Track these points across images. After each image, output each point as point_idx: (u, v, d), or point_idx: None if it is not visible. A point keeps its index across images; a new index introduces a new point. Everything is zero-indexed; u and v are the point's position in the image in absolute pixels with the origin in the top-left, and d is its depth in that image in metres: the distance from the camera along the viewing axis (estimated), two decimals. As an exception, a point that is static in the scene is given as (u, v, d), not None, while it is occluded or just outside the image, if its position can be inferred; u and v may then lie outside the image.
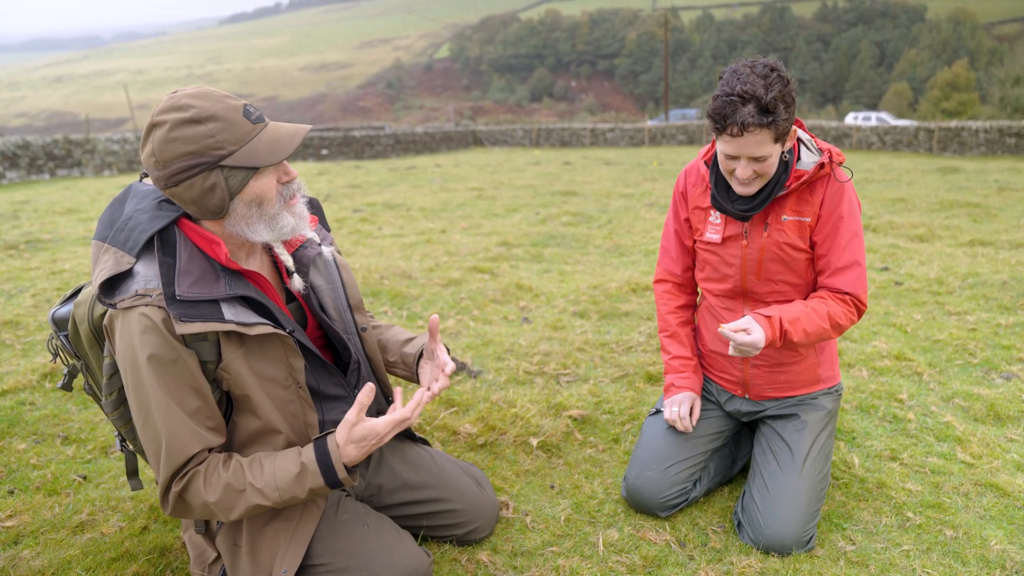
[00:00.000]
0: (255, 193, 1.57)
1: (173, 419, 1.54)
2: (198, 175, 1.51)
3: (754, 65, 1.91)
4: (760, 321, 1.97)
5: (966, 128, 23.78)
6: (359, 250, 6.72)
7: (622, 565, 2.06)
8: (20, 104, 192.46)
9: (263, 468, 1.60)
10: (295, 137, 1.58)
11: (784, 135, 1.95)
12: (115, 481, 2.52)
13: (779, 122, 1.89)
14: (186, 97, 1.51)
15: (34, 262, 6.12)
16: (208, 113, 1.49)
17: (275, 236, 1.64)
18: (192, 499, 1.58)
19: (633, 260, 6.30)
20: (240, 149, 1.52)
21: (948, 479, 2.49)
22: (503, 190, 11.93)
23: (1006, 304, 4.57)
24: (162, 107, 1.51)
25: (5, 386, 3.27)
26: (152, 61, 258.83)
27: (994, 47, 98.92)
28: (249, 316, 1.58)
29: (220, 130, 1.50)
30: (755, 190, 2.06)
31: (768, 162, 1.98)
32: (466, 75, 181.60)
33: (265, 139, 1.55)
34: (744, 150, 1.94)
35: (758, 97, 1.86)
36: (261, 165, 1.54)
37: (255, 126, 1.55)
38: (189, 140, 1.48)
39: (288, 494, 1.58)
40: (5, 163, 16.26)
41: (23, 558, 2.05)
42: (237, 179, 1.54)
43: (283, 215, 1.63)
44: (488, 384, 3.40)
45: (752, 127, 1.88)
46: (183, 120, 1.48)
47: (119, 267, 1.53)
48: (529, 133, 34.46)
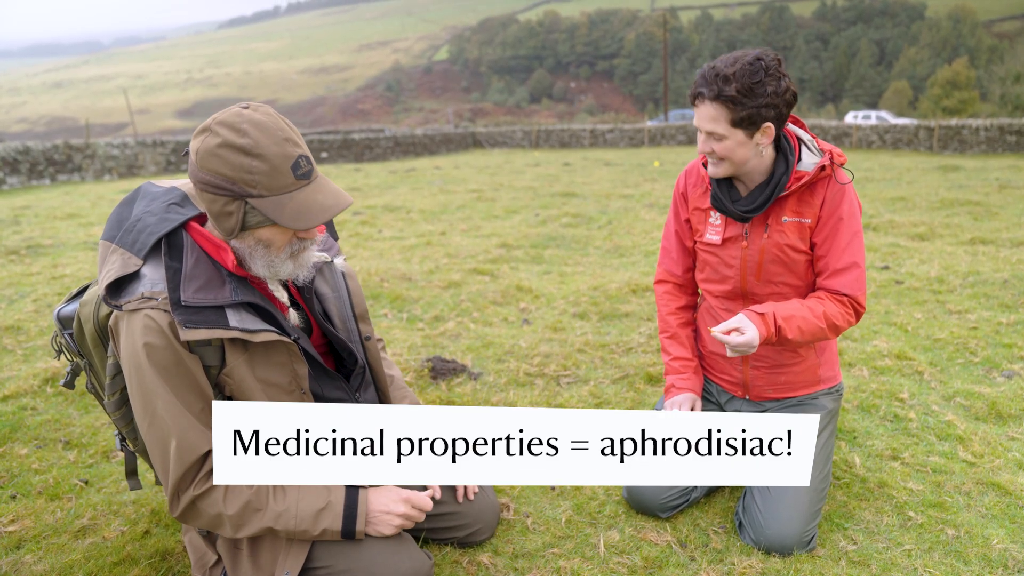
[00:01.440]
0: (266, 236, 1.58)
1: (181, 419, 1.54)
2: (221, 196, 1.51)
3: (747, 52, 1.95)
4: (753, 319, 1.97)
5: (966, 126, 23.76)
6: (359, 253, 6.72)
7: (623, 566, 2.06)
8: (21, 110, 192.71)
9: (286, 494, 1.61)
10: (328, 211, 1.54)
11: (749, 122, 1.95)
12: (116, 485, 2.52)
13: (731, 102, 1.91)
14: (249, 123, 1.48)
15: (35, 267, 6.13)
16: (259, 150, 1.47)
17: (270, 275, 1.65)
18: (207, 508, 1.58)
19: (633, 261, 6.30)
20: (269, 198, 1.51)
21: (949, 478, 2.49)
22: (503, 192, 11.94)
23: (1007, 302, 4.56)
24: (225, 118, 1.50)
25: (7, 391, 3.27)
26: (151, 66, 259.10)
27: (994, 44, 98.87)
28: (254, 323, 1.58)
29: (261, 171, 1.48)
30: (722, 173, 2.08)
31: (725, 145, 1.99)
32: (465, 77, 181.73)
33: (299, 200, 1.53)
34: (700, 122, 2.00)
35: (724, 75, 1.90)
36: (280, 223, 1.53)
37: (296, 182, 1.52)
38: (229, 165, 1.47)
39: (302, 526, 1.61)
40: (6, 168, 16.28)
41: (25, 563, 2.05)
42: (255, 219, 1.54)
43: (285, 264, 1.63)
44: (488, 386, 3.40)
45: (704, 98, 1.95)
46: (234, 145, 1.47)
47: (126, 269, 1.54)
48: (528, 134, 34.47)
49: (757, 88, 1.90)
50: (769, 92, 1.91)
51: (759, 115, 1.93)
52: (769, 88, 1.91)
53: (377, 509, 1.71)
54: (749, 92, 1.90)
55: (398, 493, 1.75)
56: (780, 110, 1.96)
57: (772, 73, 1.92)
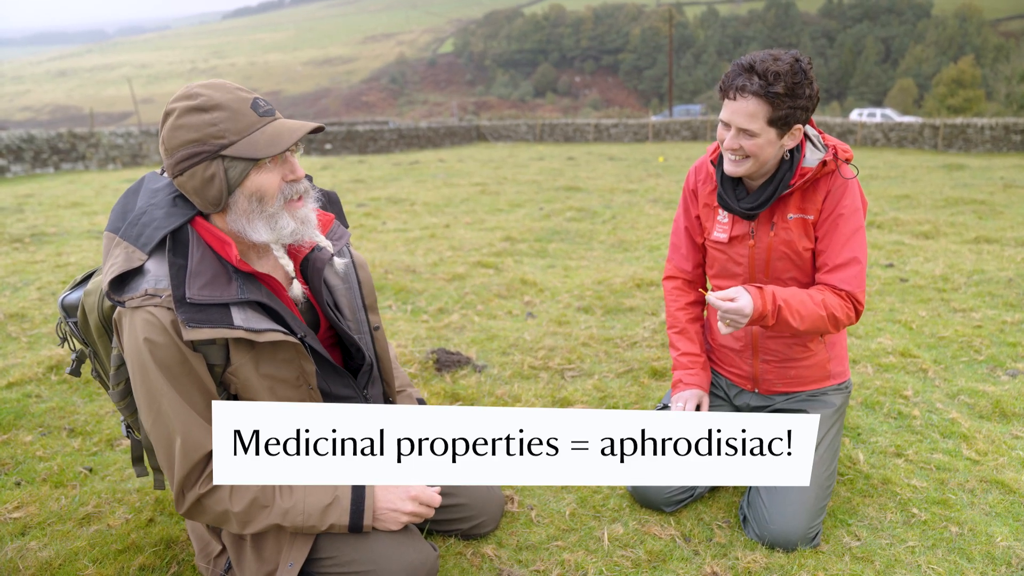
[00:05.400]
0: (255, 187, 1.54)
1: (186, 417, 1.53)
2: (199, 164, 1.50)
3: (783, 53, 1.92)
4: (751, 291, 1.96)
5: (971, 125, 23.68)
6: (363, 244, 6.72)
7: (627, 559, 2.06)
8: (25, 98, 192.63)
9: (293, 490, 1.61)
10: (298, 131, 1.54)
11: (783, 123, 1.94)
12: (121, 473, 2.53)
13: (776, 100, 1.89)
14: (198, 87, 1.52)
15: (39, 255, 6.13)
16: (214, 102, 1.49)
17: (274, 237, 1.59)
18: (213, 505, 1.58)
19: (637, 256, 6.30)
20: (241, 140, 1.50)
21: (953, 475, 2.49)
22: (507, 185, 11.92)
23: (1012, 301, 4.55)
24: (176, 96, 1.53)
25: (11, 378, 3.28)
26: (156, 55, 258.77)
27: (1000, 43, 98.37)
28: (259, 321, 1.56)
29: (224, 119, 1.49)
30: (743, 172, 2.05)
31: (756, 142, 1.97)
32: (470, 70, 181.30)
33: (268, 131, 1.53)
34: (735, 117, 1.95)
35: (767, 71, 1.88)
36: (259, 156, 1.50)
37: (261, 119, 1.53)
38: (193, 128, 1.48)
39: (310, 521, 1.61)
40: (10, 157, 16.29)
41: (30, 549, 2.06)
42: (236, 170, 1.51)
43: (283, 215, 1.59)
44: (493, 379, 3.40)
45: (746, 92, 1.91)
46: (190, 108, 1.49)
47: (130, 264, 1.51)
48: (533, 128, 34.41)
49: (798, 89, 1.89)
50: (807, 95, 1.91)
51: (794, 116, 1.93)
52: (807, 91, 1.91)
53: (384, 507, 1.71)
54: (791, 92, 1.89)
55: (407, 491, 1.74)
56: (809, 113, 1.97)
57: (809, 76, 1.92)
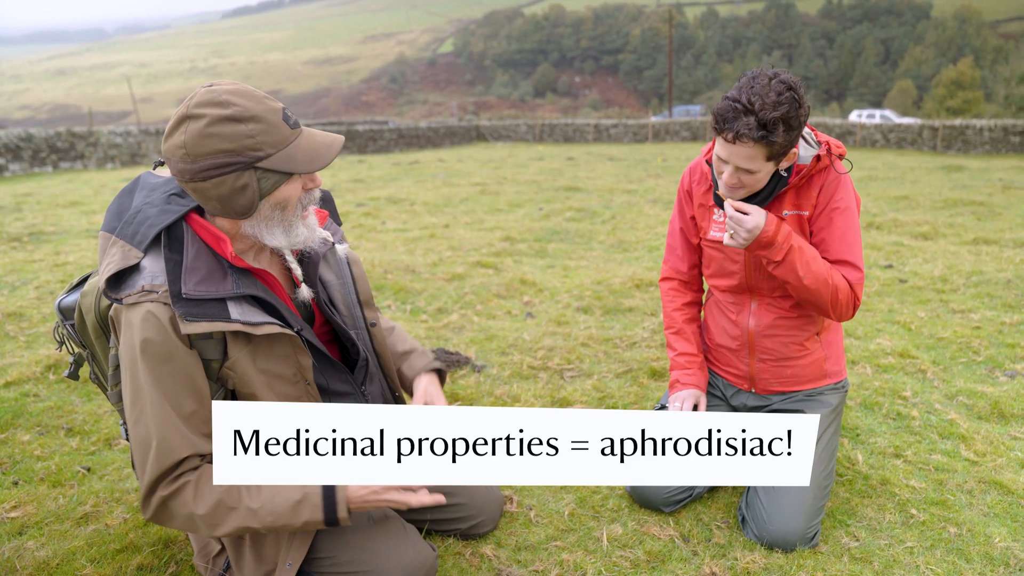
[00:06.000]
0: (282, 197, 1.56)
1: (166, 420, 1.51)
2: (230, 174, 1.48)
3: (774, 78, 1.88)
4: (769, 216, 1.98)
5: (970, 126, 23.70)
6: (363, 244, 6.72)
7: (626, 560, 2.06)
8: (23, 97, 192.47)
9: (260, 490, 1.57)
10: (333, 147, 1.58)
11: (780, 155, 1.94)
12: (119, 473, 2.53)
13: (774, 142, 1.88)
14: (227, 93, 1.47)
15: (37, 254, 6.13)
16: (250, 113, 1.46)
17: (288, 243, 1.63)
18: (178, 508, 1.54)
19: (637, 256, 6.30)
20: (277, 153, 1.50)
21: (952, 476, 2.49)
22: (506, 185, 11.92)
23: (1010, 302, 4.56)
24: (199, 100, 1.47)
25: (9, 378, 3.28)
26: (155, 54, 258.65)
27: (999, 45, 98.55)
28: (256, 315, 1.57)
29: (260, 132, 1.47)
30: (738, 197, 2.06)
31: (756, 176, 1.98)
32: (469, 70, 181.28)
33: (303, 146, 1.54)
34: (734, 158, 1.94)
35: (763, 112, 1.84)
36: (298, 172, 1.53)
37: (292, 131, 1.53)
38: (227, 138, 1.45)
39: (281, 520, 1.55)
40: (8, 155, 16.28)
41: (27, 548, 2.05)
42: (270, 182, 1.52)
43: (298, 224, 1.62)
44: (492, 379, 3.40)
45: (746, 139, 1.88)
46: (223, 117, 1.45)
47: (126, 261, 1.52)
48: (532, 128, 34.41)
49: (793, 121, 1.88)
50: (801, 121, 1.91)
51: (790, 144, 1.93)
52: (802, 117, 1.90)
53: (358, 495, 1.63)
54: (788, 126, 1.88)
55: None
56: (803, 129, 1.96)
57: (801, 102, 1.89)
